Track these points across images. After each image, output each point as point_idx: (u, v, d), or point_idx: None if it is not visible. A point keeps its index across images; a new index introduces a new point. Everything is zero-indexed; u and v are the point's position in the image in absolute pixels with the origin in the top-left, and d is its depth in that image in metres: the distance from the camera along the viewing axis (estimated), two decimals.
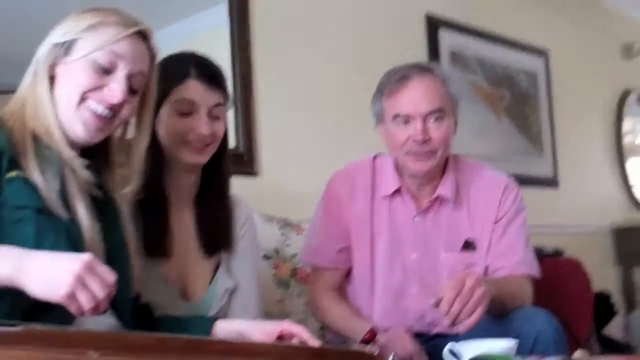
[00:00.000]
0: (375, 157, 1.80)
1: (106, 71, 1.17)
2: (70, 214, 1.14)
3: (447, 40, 3.19)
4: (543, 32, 3.74)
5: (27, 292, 0.95)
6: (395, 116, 1.64)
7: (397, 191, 1.72)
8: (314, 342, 1.22)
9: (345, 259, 1.75)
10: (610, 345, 3.13)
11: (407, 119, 1.62)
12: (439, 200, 1.71)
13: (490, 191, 1.72)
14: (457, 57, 3.25)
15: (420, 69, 1.67)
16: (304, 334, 1.23)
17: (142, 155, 1.28)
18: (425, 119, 1.61)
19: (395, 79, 1.65)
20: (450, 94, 1.68)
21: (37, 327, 0.90)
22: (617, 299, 3.72)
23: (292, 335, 1.25)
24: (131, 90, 1.20)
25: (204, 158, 1.48)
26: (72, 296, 0.95)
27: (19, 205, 1.09)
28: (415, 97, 1.62)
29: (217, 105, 1.47)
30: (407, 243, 1.71)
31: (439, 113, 1.62)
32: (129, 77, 1.19)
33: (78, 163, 1.16)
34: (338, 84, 2.68)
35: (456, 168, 1.74)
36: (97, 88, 1.16)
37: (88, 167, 1.17)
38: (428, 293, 1.60)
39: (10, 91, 1.23)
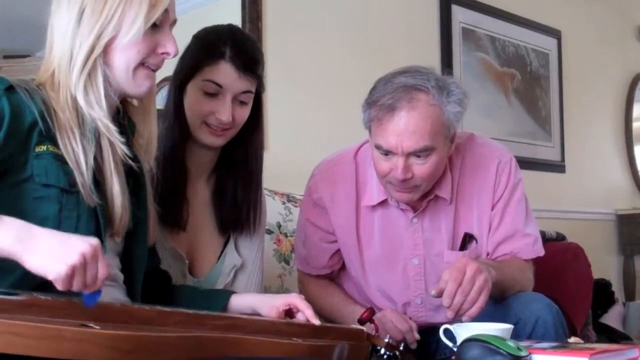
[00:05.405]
0: (358, 151, 1.66)
1: (158, 28, 1.15)
2: (102, 193, 1.10)
3: (460, 16, 3.16)
4: (556, 12, 3.69)
5: (23, 264, 0.93)
6: (378, 147, 1.49)
7: (385, 201, 1.61)
8: (315, 320, 1.23)
9: (339, 259, 1.69)
10: (606, 333, 3.14)
11: (388, 153, 1.48)
12: (436, 197, 1.61)
13: (483, 176, 1.62)
14: (468, 34, 3.22)
15: (411, 97, 1.45)
16: (307, 311, 1.24)
17: (155, 119, 1.25)
18: (408, 156, 1.47)
19: (384, 105, 1.46)
20: (447, 119, 1.48)
21: (40, 296, 0.91)
22: (617, 288, 3.72)
23: (298, 310, 1.25)
24: None
25: (220, 141, 1.45)
26: (70, 276, 0.93)
27: (45, 183, 1.05)
28: (399, 133, 1.44)
29: (246, 92, 1.43)
30: (407, 248, 1.62)
31: (425, 152, 1.47)
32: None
33: (115, 132, 1.11)
34: (347, 58, 2.66)
35: (453, 163, 1.61)
36: (153, 50, 1.15)
37: (122, 133, 1.13)
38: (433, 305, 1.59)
39: (22, 56, 1.20)
